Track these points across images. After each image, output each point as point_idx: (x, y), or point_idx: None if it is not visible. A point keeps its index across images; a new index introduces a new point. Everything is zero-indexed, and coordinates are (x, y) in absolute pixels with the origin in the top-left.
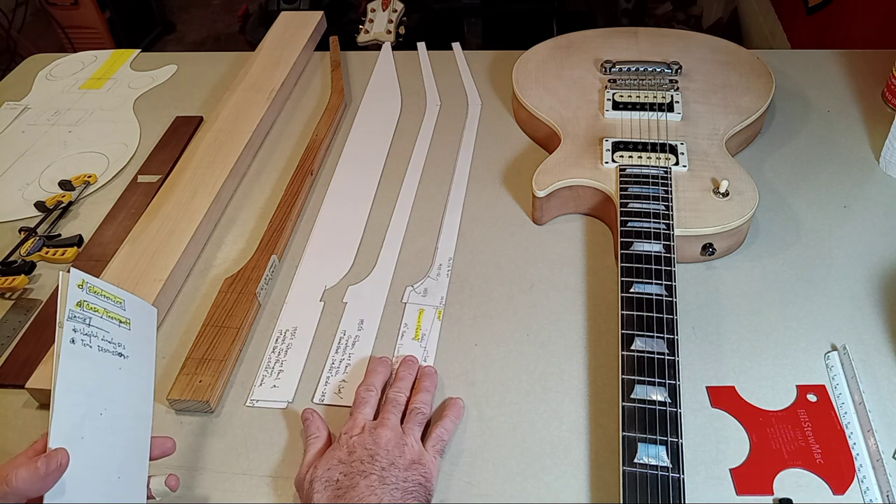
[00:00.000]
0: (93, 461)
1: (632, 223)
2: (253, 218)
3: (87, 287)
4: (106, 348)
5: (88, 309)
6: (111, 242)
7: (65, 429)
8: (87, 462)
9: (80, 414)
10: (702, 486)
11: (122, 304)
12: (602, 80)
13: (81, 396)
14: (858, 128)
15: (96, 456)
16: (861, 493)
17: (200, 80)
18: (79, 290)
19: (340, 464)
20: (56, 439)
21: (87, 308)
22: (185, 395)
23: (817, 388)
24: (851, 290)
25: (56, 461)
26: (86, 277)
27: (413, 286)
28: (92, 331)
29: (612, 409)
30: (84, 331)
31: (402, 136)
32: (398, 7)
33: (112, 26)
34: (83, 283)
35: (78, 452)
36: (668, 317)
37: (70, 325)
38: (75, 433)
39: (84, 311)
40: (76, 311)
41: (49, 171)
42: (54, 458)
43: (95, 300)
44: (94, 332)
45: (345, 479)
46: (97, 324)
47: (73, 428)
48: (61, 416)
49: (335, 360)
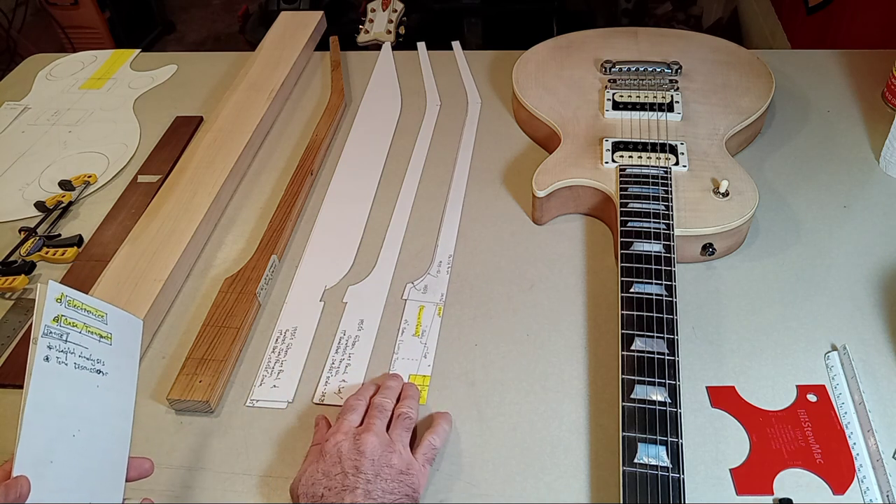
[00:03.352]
0: (62, 485)
1: (632, 223)
2: (253, 218)
3: (66, 301)
4: (83, 365)
5: (66, 324)
6: (111, 242)
7: (32, 452)
8: (56, 486)
9: (49, 437)
10: (702, 486)
11: (103, 317)
12: (602, 80)
13: (52, 418)
14: (858, 128)
15: (67, 479)
16: (861, 493)
17: (200, 80)
18: (57, 304)
19: (324, 477)
20: (21, 464)
21: (65, 323)
22: (185, 395)
23: (817, 388)
24: (851, 290)
25: (15, 492)
26: (65, 291)
27: (413, 283)
28: (69, 347)
29: (612, 409)
30: (60, 347)
31: (402, 136)
32: (398, 7)
33: (112, 26)
34: (62, 296)
35: (46, 476)
36: (668, 317)
37: (45, 341)
38: (44, 457)
39: (61, 327)
40: (52, 327)
41: (49, 171)
42: (14, 489)
43: (74, 314)
44: (72, 348)
45: (329, 493)
46: (75, 339)
47: (41, 451)
48: (29, 440)
49: (335, 360)
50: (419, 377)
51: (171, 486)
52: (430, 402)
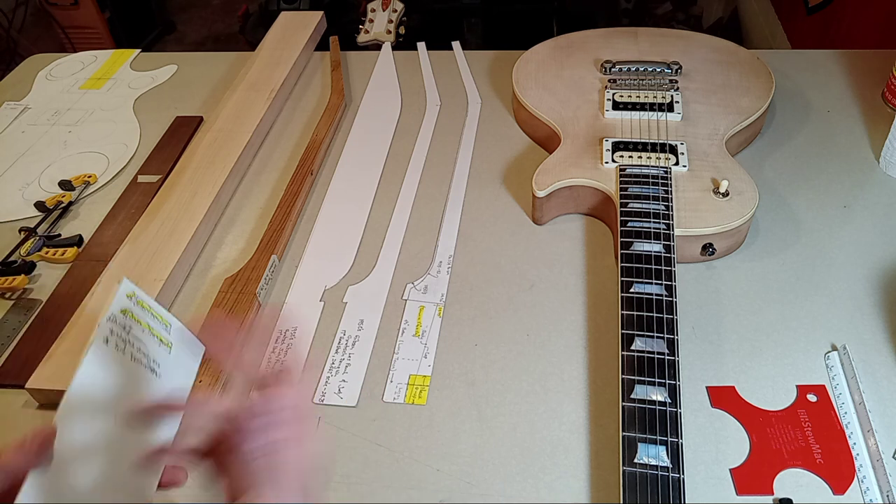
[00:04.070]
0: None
1: (632, 223)
2: (253, 218)
3: (136, 300)
4: (139, 359)
5: (132, 318)
6: (111, 242)
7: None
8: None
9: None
10: (702, 486)
11: (168, 326)
12: (602, 80)
13: (99, 393)
14: (858, 128)
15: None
16: (861, 493)
17: (200, 80)
18: (127, 299)
19: None
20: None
21: (131, 317)
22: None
23: (817, 388)
24: (851, 290)
25: (43, 434)
26: (137, 291)
27: (413, 283)
28: (129, 339)
29: (612, 409)
30: (121, 335)
31: (402, 136)
32: (398, 7)
33: (112, 26)
34: (133, 294)
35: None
36: (668, 317)
37: (108, 325)
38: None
39: (126, 319)
40: (118, 317)
41: (49, 171)
42: (42, 433)
43: (141, 313)
44: (132, 340)
45: None
46: (137, 334)
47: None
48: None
49: (335, 360)
50: (419, 377)
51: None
52: (431, 402)
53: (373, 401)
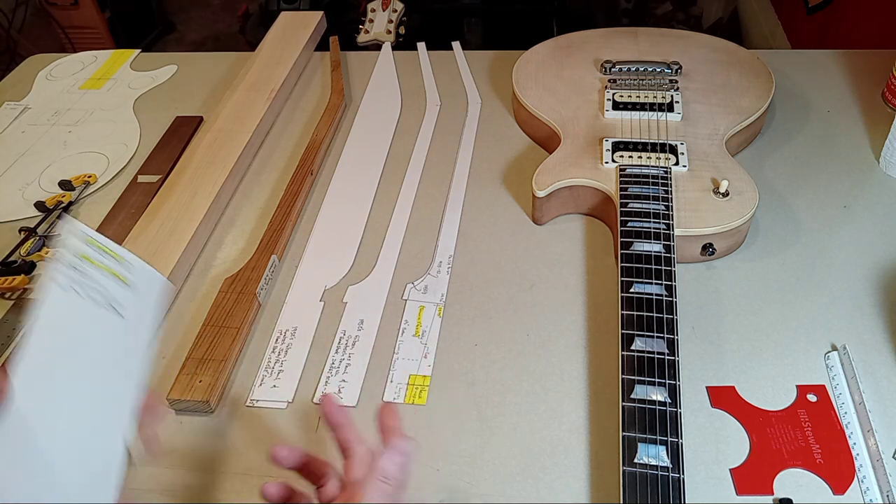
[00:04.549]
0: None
1: (632, 223)
2: (253, 218)
3: (92, 244)
4: (98, 301)
5: (90, 263)
6: None
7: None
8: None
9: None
10: (702, 486)
11: (124, 263)
12: (602, 80)
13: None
14: (858, 128)
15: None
16: (861, 493)
17: (200, 80)
18: (86, 246)
19: None
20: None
21: (89, 262)
22: (185, 396)
23: (817, 388)
24: (851, 290)
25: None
26: (90, 233)
27: (413, 283)
28: (86, 281)
29: (612, 409)
30: (75, 277)
31: (402, 136)
32: (398, 7)
33: (112, 26)
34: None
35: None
36: (668, 317)
37: (61, 268)
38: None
39: (84, 264)
40: (76, 261)
41: (49, 171)
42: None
43: (97, 255)
44: (89, 282)
45: None
46: (97, 278)
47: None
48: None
49: (335, 360)
50: (419, 377)
51: (171, 486)
52: (431, 402)
53: (373, 401)
